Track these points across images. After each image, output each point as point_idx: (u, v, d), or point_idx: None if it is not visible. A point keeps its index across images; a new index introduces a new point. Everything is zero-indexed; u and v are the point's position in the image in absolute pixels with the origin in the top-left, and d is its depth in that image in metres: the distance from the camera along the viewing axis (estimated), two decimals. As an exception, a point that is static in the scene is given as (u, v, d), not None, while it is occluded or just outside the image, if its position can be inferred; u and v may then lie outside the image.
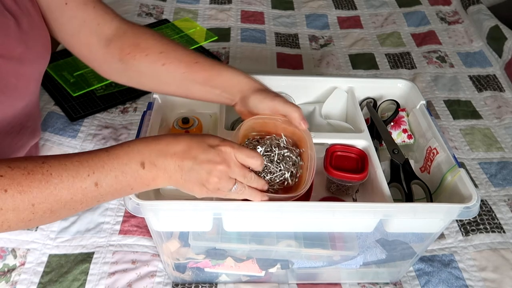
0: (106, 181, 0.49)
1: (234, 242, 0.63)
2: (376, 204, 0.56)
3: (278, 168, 0.60)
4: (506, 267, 0.75)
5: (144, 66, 0.65)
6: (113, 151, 0.50)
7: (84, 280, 0.69)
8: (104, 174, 0.49)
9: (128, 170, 0.49)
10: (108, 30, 0.65)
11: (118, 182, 0.50)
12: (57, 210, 0.48)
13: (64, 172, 0.47)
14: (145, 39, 0.65)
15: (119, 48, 0.65)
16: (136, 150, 0.51)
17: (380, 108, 0.79)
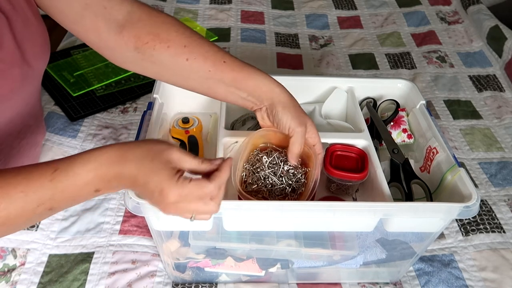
0: (61, 207, 0.49)
1: (234, 241, 0.63)
2: (376, 204, 0.56)
3: (279, 181, 0.61)
4: (506, 267, 0.75)
5: (165, 58, 0.60)
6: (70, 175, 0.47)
7: (84, 280, 0.69)
8: (59, 203, 0.48)
9: (83, 195, 0.49)
10: (118, 15, 0.60)
11: (72, 204, 0.50)
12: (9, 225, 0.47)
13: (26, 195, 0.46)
14: (166, 30, 0.61)
15: (135, 36, 0.60)
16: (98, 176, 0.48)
17: (380, 108, 0.79)
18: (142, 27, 0.60)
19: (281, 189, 0.62)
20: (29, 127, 0.73)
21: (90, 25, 0.60)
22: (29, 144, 0.74)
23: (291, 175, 0.63)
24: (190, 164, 0.49)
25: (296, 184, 0.62)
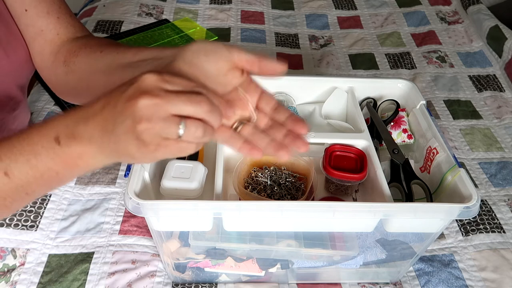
0: (17, 169, 0.41)
1: (234, 241, 0.63)
2: (376, 204, 0.56)
3: (279, 189, 0.63)
4: (506, 267, 0.75)
5: (83, 59, 0.59)
6: (25, 131, 0.42)
7: (84, 280, 0.69)
8: (13, 160, 0.40)
9: (41, 151, 0.40)
10: (67, 40, 0.62)
11: (33, 168, 0.41)
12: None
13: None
14: (97, 40, 0.61)
15: (67, 50, 0.61)
16: (50, 125, 0.41)
17: (380, 108, 0.79)
18: (76, 43, 0.61)
19: (281, 195, 0.63)
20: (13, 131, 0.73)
21: (38, 48, 0.62)
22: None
23: (290, 184, 0.64)
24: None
25: (296, 193, 0.64)
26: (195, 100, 0.37)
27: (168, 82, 0.38)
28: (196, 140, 0.38)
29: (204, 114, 0.38)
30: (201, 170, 0.63)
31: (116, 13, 1.29)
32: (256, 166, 0.68)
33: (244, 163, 0.66)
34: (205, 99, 0.38)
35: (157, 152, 0.38)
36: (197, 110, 0.37)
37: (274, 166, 0.68)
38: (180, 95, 0.37)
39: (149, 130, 0.37)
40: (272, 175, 0.66)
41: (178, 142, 0.38)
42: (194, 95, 0.37)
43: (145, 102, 0.36)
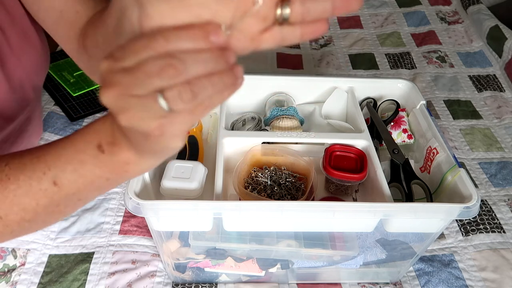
0: (66, 178, 0.40)
1: (234, 242, 0.63)
2: (376, 204, 0.56)
3: (279, 190, 0.63)
4: (506, 267, 0.75)
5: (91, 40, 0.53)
6: (70, 137, 0.40)
7: (84, 280, 0.69)
8: (61, 169, 0.39)
9: (87, 159, 0.39)
10: (87, 19, 0.55)
11: (82, 176, 0.40)
12: (33, 218, 0.42)
13: (21, 174, 0.40)
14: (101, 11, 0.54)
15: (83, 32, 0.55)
16: (93, 131, 0.39)
17: (380, 108, 0.79)
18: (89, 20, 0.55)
19: (281, 195, 0.63)
20: (26, 132, 0.73)
21: (62, 34, 0.56)
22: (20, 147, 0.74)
23: (290, 184, 0.64)
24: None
25: (296, 193, 0.64)
26: (155, 70, 0.29)
27: (120, 59, 0.31)
28: (194, 102, 0.31)
29: (176, 79, 0.30)
30: (201, 170, 0.63)
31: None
32: (256, 166, 0.68)
33: (244, 163, 0.66)
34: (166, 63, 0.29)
35: (165, 136, 0.33)
36: (164, 81, 0.30)
37: (274, 166, 0.68)
38: (138, 71, 0.30)
39: (132, 119, 0.32)
40: (272, 175, 0.66)
41: (175, 115, 0.32)
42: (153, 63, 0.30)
43: (108, 97, 0.31)
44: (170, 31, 0.30)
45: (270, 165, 0.68)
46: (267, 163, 0.68)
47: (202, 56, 0.30)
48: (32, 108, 0.71)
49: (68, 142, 0.40)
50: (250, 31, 0.33)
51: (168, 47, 0.30)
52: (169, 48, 0.30)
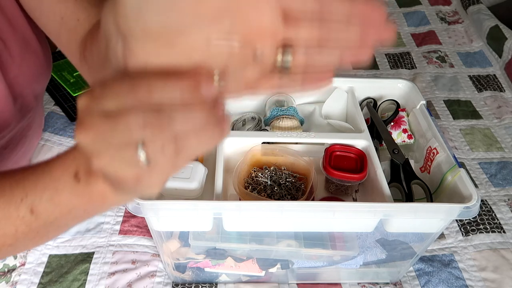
0: (42, 206, 0.37)
1: (234, 242, 0.63)
2: (376, 204, 0.56)
3: (279, 190, 0.63)
4: (506, 267, 0.75)
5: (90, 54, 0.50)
6: (50, 162, 0.37)
7: (84, 280, 0.69)
8: (37, 196, 0.37)
9: (63, 188, 0.36)
10: (89, 26, 0.51)
11: (58, 205, 0.37)
12: (14, 243, 0.39)
13: (1, 198, 0.37)
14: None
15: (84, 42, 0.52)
16: (72, 157, 0.36)
17: (380, 108, 0.79)
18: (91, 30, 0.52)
19: (281, 195, 0.63)
20: (27, 138, 0.72)
21: (64, 42, 0.54)
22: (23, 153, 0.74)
23: (290, 184, 0.64)
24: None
25: (296, 193, 0.64)
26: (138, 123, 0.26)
27: (101, 100, 0.28)
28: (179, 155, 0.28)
29: (158, 135, 0.27)
30: (201, 170, 0.63)
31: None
32: (256, 166, 0.68)
33: (244, 163, 0.66)
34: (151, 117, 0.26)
35: (141, 185, 0.30)
36: (147, 135, 0.27)
37: (274, 166, 0.68)
38: (118, 121, 0.27)
39: (106, 165, 0.29)
40: (272, 175, 0.66)
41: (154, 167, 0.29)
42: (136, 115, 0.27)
43: (83, 138, 0.29)
44: (156, 78, 0.27)
45: (270, 165, 0.68)
46: (267, 163, 0.68)
47: (191, 111, 0.27)
48: (33, 115, 0.71)
49: (46, 167, 0.37)
50: (245, 77, 0.30)
51: (153, 97, 0.27)
52: (154, 99, 0.27)
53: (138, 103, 0.27)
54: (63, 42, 0.54)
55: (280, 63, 0.29)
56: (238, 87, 0.30)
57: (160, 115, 0.26)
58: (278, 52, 0.29)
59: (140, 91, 0.27)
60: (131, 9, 0.26)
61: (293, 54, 0.29)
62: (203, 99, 0.27)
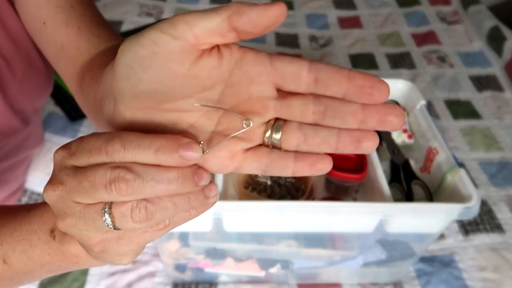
0: (15, 258, 0.35)
1: (234, 242, 0.63)
2: (376, 204, 0.56)
3: (279, 190, 0.63)
4: (506, 267, 0.75)
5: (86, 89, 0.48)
6: (29, 213, 0.36)
7: (84, 281, 0.69)
8: (11, 247, 0.35)
9: (37, 243, 0.34)
10: (89, 56, 0.49)
11: (30, 259, 0.35)
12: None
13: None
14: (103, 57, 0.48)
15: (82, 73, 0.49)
16: (52, 211, 0.33)
17: (380, 108, 0.79)
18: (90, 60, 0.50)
19: (281, 195, 0.63)
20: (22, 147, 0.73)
21: (63, 68, 0.52)
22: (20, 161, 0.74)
23: (290, 184, 0.64)
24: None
25: (296, 193, 0.64)
26: (103, 181, 0.25)
27: (74, 155, 0.26)
28: (148, 223, 0.26)
29: (125, 196, 0.25)
30: (201, 170, 0.63)
31: (116, 13, 1.29)
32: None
33: None
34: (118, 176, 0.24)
35: (109, 254, 0.28)
36: (112, 196, 0.25)
37: None
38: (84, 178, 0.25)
39: (71, 228, 0.28)
40: (273, 176, 0.66)
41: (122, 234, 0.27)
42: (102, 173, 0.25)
43: (48, 195, 0.27)
44: (132, 136, 0.25)
45: None
46: None
47: (165, 174, 0.25)
48: (32, 126, 0.71)
49: (25, 217, 0.36)
50: (231, 149, 0.28)
51: (125, 156, 0.25)
52: (126, 158, 0.25)
53: (109, 159, 0.25)
54: (62, 68, 0.53)
55: (269, 139, 0.28)
56: (221, 157, 0.28)
57: (130, 174, 0.24)
58: (268, 127, 0.27)
59: (111, 147, 0.25)
60: (124, 68, 0.26)
61: (284, 130, 0.27)
62: (181, 163, 0.25)
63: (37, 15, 0.52)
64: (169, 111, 0.27)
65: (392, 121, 0.28)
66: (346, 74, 0.26)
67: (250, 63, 0.27)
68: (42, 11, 0.51)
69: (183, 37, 0.24)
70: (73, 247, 0.33)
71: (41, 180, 0.82)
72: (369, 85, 0.26)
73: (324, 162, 0.28)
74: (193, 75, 0.26)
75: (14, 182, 0.77)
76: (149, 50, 0.25)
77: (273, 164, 0.28)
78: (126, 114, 0.27)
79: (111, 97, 0.29)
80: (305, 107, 0.27)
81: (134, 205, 0.25)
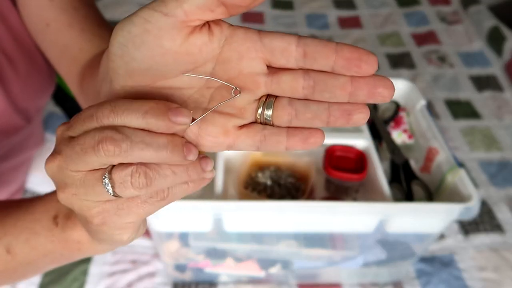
0: (18, 248, 0.36)
1: (234, 242, 0.63)
2: (376, 204, 0.56)
3: (279, 190, 0.63)
4: (506, 267, 0.75)
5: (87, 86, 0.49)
6: (32, 202, 0.37)
7: (83, 281, 0.69)
8: (15, 237, 0.36)
9: (40, 231, 0.35)
10: (90, 57, 0.50)
11: (34, 249, 0.36)
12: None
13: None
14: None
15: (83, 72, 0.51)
16: (55, 199, 0.35)
17: (380, 108, 0.79)
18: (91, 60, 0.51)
19: (281, 195, 0.63)
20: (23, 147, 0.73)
21: (65, 68, 0.53)
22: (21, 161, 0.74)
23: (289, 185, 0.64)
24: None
25: (296, 193, 0.64)
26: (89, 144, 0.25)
27: (71, 127, 0.27)
28: (148, 190, 0.26)
29: (114, 157, 0.25)
30: (201, 170, 0.62)
31: (116, 13, 1.29)
32: (256, 166, 0.68)
33: (244, 164, 0.66)
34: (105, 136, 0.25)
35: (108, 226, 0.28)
36: (101, 158, 0.25)
37: (274, 167, 0.68)
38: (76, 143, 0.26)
39: (71, 198, 0.28)
40: (272, 176, 0.66)
41: (122, 203, 0.27)
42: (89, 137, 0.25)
43: (49, 167, 0.28)
44: (121, 101, 0.26)
45: (270, 165, 0.68)
46: (267, 163, 0.68)
47: (154, 138, 0.25)
48: (33, 125, 0.71)
49: (30, 207, 0.37)
50: (223, 124, 0.28)
51: (115, 119, 0.25)
52: (116, 121, 0.25)
53: (99, 124, 0.25)
54: (64, 68, 0.53)
55: (261, 116, 0.28)
56: (215, 133, 0.28)
57: (118, 135, 0.24)
58: (260, 103, 0.28)
59: (102, 112, 0.25)
60: (118, 46, 0.26)
61: (275, 106, 0.28)
62: (171, 127, 0.25)
63: (40, 16, 0.52)
64: (162, 88, 0.28)
65: (382, 93, 0.27)
66: (334, 47, 0.26)
67: (239, 40, 0.27)
68: (45, 13, 0.51)
69: (173, 13, 0.25)
70: (76, 233, 0.34)
71: (41, 180, 0.82)
72: (356, 57, 0.26)
73: (317, 136, 0.28)
74: (184, 51, 0.26)
75: (15, 183, 0.77)
76: (141, 28, 0.25)
77: (266, 141, 0.28)
78: (121, 92, 0.28)
79: (107, 79, 0.29)
80: (294, 82, 0.27)
81: (134, 170, 0.25)
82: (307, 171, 0.67)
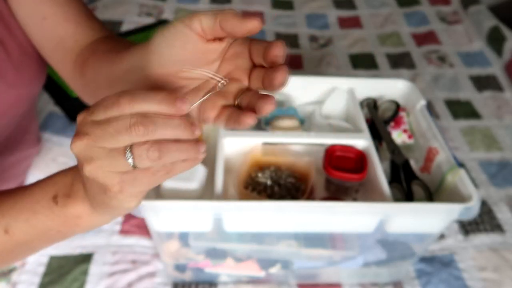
0: (17, 228, 0.40)
1: (234, 242, 0.63)
2: (376, 204, 0.56)
3: (279, 190, 0.63)
4: (506, 267, 0.75)
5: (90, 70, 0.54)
6: (30, 186, 0.42)
7: (83, 281, 0.69)
8: (13, 218, 0.40)
9: (40, 210, 0.40)
10: (83, 46, 0.56)
11: (33, 227, 0.40)
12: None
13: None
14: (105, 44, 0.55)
15: (81, 59, 0.55)
16: (52, 182, 0.41)
17: (380, 108, 0.79)
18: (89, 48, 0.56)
19: (281, 195, 0.63)
20: (24, 143, 0.73)
21: (60, 57, 0.58)
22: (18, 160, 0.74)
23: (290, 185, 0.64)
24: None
25: (296, 193, 0.64)
26: (125, 127, 0.31)
27: (93, 113, 0.33)
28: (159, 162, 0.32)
29: (146, 136, 0.31)
30: (201, 170, 0.63)
31: (116, 13, 1.29)
32: (256, 166, 0.68)
33: (244, 163, 0.66)
34: (136, 121, 0.31)
35: (124, 194, 0.34)
36: (134, 138, 0.31)
37: (274, 167, 0.68)
38: (108, 126, 0.32)
39: (97, 170, 0.33)
40: (272, 176, 0.66)
41: (138, 173, 0.33)
42: (122, 121, 0.31)
43: (76, 146, 0.33)
44: (138, 91, 0.32)
45: (270, 165, 0.68)
46: (267, 163, 0.68)
47: (171, 121, 0.32)
48: (27, 118, 0.71)
49: (27, 191, 0.41)
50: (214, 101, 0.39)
51: (134, 107, 0.32)
52: (135, 108, 0.32)
53: (120, 112, 0.32)
54: (58, 58, 0.58)
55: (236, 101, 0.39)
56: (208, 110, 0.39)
57: (146, 120, 0.31)
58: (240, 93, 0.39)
59: (124, 100, 0.32)
60: (156, 45, 0.37)
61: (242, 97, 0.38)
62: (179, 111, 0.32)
63: (36, 10, 0.55)
64: (182, 78, 0.39)
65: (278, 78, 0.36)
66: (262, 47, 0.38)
67: (238, 45, 0.39)
68: (41, 6, 0.55)
69: (195, 28, 0.35)
70: (76, 208, 0.39)
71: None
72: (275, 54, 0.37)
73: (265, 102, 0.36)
74: (202, 52, 0.37)
75: (14, 181, 0.77)
76: (172, 34, 0.36)
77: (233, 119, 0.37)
78: (151, 78, 0.38)
79: (139, 67, 0.39)
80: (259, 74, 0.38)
81: (149, 146, 0.31)
82: (307, 171, 0.67)
